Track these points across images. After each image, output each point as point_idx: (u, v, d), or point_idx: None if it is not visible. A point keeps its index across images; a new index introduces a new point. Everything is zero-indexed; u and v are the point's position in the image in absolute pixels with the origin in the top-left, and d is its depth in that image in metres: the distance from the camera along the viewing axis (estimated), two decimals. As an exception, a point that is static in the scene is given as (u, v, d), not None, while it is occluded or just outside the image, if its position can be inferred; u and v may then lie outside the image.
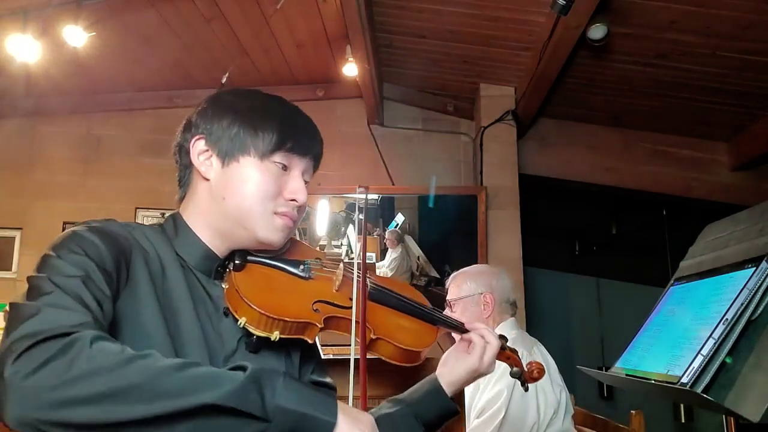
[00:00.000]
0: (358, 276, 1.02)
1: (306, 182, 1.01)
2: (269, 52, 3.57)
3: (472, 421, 1.87)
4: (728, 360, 1.00)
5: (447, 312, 2.08)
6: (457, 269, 2.19)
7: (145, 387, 0.65)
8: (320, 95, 4.05)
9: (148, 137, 3.92)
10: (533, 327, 3.78)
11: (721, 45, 2.90)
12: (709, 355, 1.01)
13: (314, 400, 0.72)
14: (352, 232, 3.95)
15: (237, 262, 0.96)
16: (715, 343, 1.02)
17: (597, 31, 2.77)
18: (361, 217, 1.15)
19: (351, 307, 0.96)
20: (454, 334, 1.18)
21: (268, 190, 0.94)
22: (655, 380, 1.15)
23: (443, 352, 1.16)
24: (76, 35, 2.76)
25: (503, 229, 3.63)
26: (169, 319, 0.86)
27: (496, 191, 3.66)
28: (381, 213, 4.01)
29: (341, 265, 1.06)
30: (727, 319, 1.04)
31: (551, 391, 1.85)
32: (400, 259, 3.83)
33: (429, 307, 1.12)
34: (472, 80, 3.79)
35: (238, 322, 0.88)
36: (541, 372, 1.18)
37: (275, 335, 0.88)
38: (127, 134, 3.98)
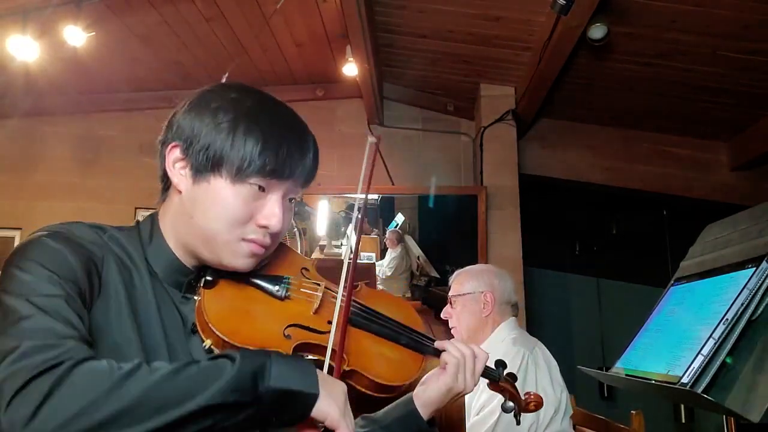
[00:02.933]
0: (339, 297, 0.92)
1: (291, 200, 0.93)
2: (269, 52, 3.56)
3: (471, 419, 1.87)
4: (728, 360, 1.00)
5: (447, 308, 2.10)
6: (458, 269, 2.19)
7: (146, 402, 0.64)
8: (320, 95, 4.05)
9: (147, 137, 3.86)
10: (533, 327, 3.78)
11: (721, 45, 2.90)
12: (710, 355, 1.01)
13: (299, 374, 0.74)
14: (351, 232, 3.95)
15: (208, 278, 0.89)
16: (715, 344, 1.02)
17: (597, 31, 2.77)
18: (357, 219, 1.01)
19: (328, 332, 0.88)
20: None
21: (238, 215, 0.85)
22: (655, 380, 1.14)
23: None
24: (76, 35, 2.76)
25: (503, 229, 3.62)
26: (140, 330, 0.82)
27: (496, 191, 3.66)
28: (381, 213, 4.01)
29: (323, 284, 0.98)
30: (727, 319, 1.04)
31: (552, 391, 1.86)
32: (399, 259, 3.83)
33: (419, 332, 1.02)
34: (472, 80, 3.79)
35: (204, 344, 0.84)
36: (539, 405, 1.10)
37: None
38: (127, 134, 3.98)
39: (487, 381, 1.08)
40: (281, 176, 0.87)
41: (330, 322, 0.89)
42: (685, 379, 1.02)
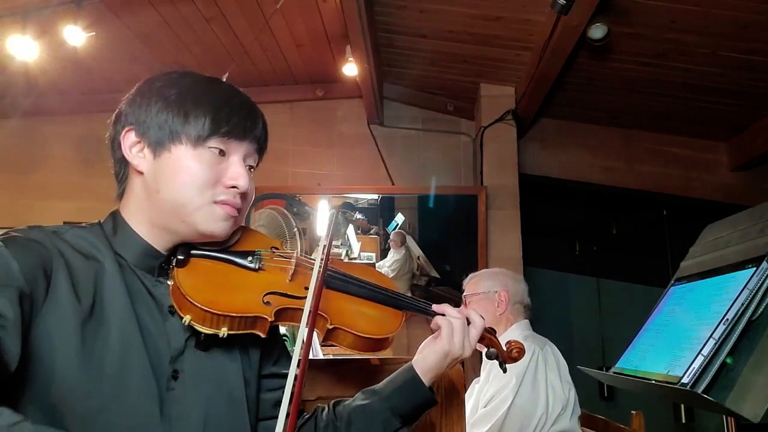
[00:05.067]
0: (314, 264, 0.95)
1: (251, 168, 0.97)
2: (269, 52, 3.56)
3: (480, 409, 1.90)
4: (729, 360, 1.00)
5: (461, 309, 2.13)
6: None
7: None
8: (320, 95, 4.05)
9: (147, 137, 3.92)
10: (533, 327, 3.78)
11: (721, 45, 2.90)
12: (710, 355, 1.01)
13: None
14: (351, 231, 3.95)
15: (180, 257, 0.92)
16: (715, 344, 1.02)
17: (597, 31, 2.77)
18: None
19: (305, 297, 0.89)
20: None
21: (204, 178, 0.89)
22: (655, 380, 1.14)
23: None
24: (76, 35, 2.76)
25: (503, 229, 3.62)
26: (90, 331, 0.81)
27: (496, 191, 3.66)
28: (381, 213, 4.01)
29: (295, 253, 1.01)
30: (727, 319, 1.03)
31: (560, 388, 1.89)
32: (402, 261, 3.83)
33: (394, 291, 1.06)
34: (472, 80, 3.79)
35: (183, 320, 0.86)
36: (521, 352, 1.10)
37: (223, 332, 0.86)
38: (127, 134, 3.98)
39: None
40: (238, 137, 0.92)
41: (306, 288, 0.91)
42: (685, 379, 1.02)
